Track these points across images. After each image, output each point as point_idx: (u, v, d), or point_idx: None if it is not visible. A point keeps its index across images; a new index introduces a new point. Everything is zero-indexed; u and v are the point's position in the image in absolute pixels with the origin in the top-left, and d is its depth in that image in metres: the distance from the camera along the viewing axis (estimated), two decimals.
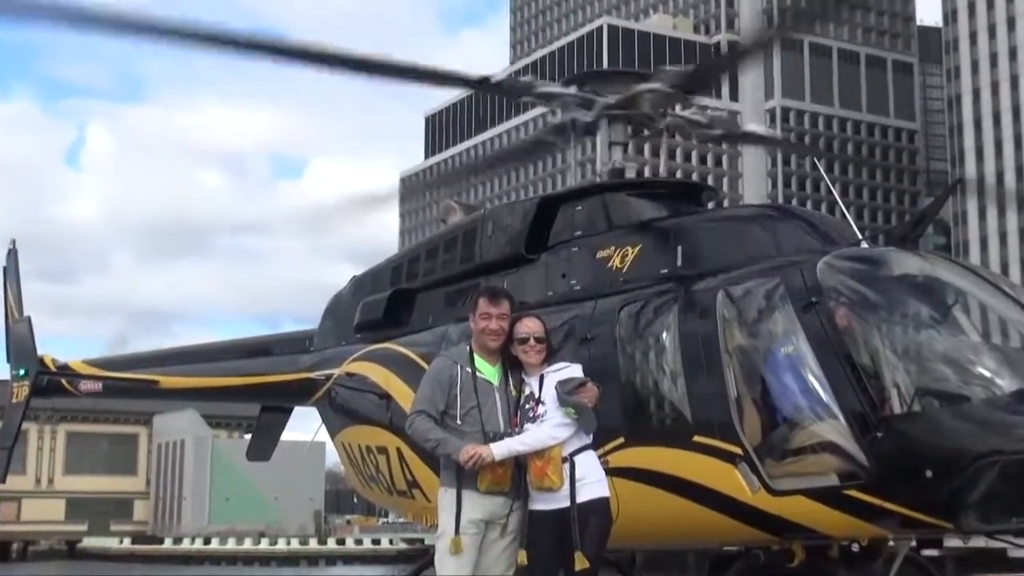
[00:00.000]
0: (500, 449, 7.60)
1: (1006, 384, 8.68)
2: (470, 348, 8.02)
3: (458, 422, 7.78)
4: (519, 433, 7.73)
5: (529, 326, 7.98)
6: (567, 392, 7.73)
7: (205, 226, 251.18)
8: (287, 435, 18.14)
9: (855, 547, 9.65)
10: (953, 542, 16.31)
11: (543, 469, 7.59)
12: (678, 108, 12.52)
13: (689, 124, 12.56)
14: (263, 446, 17.98)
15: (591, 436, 7.87)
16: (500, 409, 7.82)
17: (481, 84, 11.81)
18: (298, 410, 17.32)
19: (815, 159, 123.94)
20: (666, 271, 10.58)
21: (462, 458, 7.56)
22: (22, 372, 18.20)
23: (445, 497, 7.78)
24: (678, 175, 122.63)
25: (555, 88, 12.12)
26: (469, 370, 7.88)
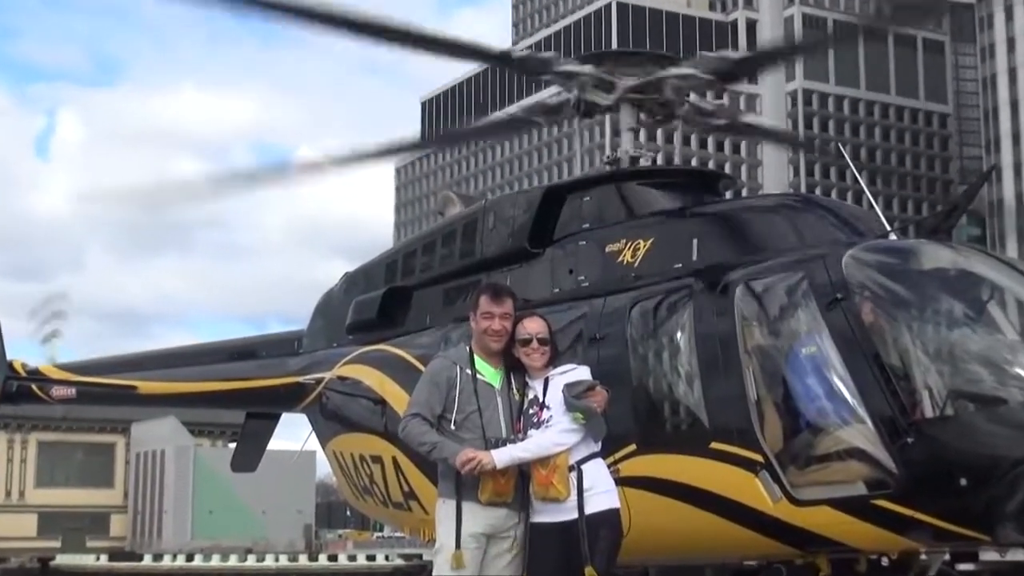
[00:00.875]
0: (502, 456, 7.60)
1: None
2: (470, 349, 8.02)
3: (456, 427, 7.77)
4: (522, 440, 7.73)
5: (532, 326, 7.98)
6: (575, 396, 7.73)
7: (185, 220, 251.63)
8: (275, 444, 18.16)
9: (884, 561, 9.66)
10: (989, 555, 16.28)
11: (548, 478, 7.59)
12: (694, 96, 12.54)
13: (699, 113, 12.59)
14: (249, 456, 17.99)
15: (600, 443, 7.88)
16: (502, 414, 7.82)
17: (501, 59, 11.90)
18: (286, 417, 17.34)
19: (839, 146, 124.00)
20: (681, 266, 10.60)
21: (459, 462, 7.55)
22: None
23: (444, 509, 7.78)
24: (693, 163, 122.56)
25: (574, 67, 12.12)
26: (469, 372, 7.88)
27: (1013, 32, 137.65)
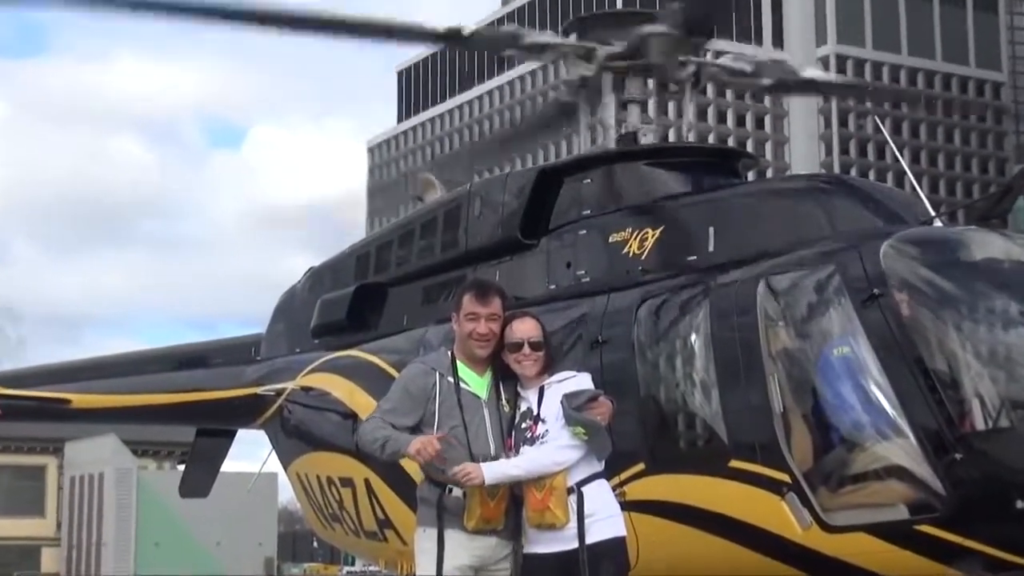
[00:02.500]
0: (492, 472, 7.59)
1: None
2: (452, 355, 8.01)
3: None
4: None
5: (524, 329, 7.96)
6: (575, 407, 7.74)
7: (124, 208, 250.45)
8: (229, 465, 18.18)
9: None
10: None
11: (543, 502, 7.58)
12: (709, 56, 12.55)
13: (725, 73, 12.58)
14: (200, 479, 18.03)
15: (603, 462, 7.89)
16: (490, 429, 7.80)
17: (451, 37, 11.81)
18: (243, 434, 17.36)
19: (878, 120, 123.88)
20: (695, 258, 10.64)
21: (413, 449, 7.50)
22: None
23: (424, 539, 7.78)
24: (710, 140, 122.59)
25: (547, 38, 12.14)
26: (451, 381, 7.87)
27: None
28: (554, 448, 7.68)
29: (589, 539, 7.58)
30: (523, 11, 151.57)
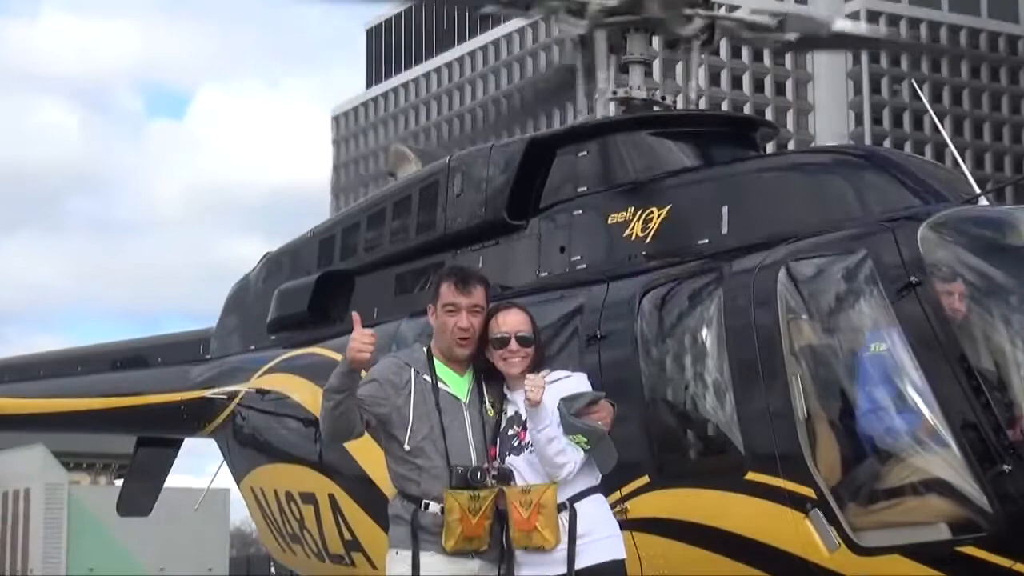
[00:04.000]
0: (543, 409, 7.58)
1: None
2: (429, 351, 8.03)
3: (407, 447, 7.77)
4: (498, 468, 7.73)
5: (510, 322, 7.97)
6: (575, 412, 7.74)
7: (49, 184, 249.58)
8: (174, 480, 18.17)
9: None
10: None
11: (530, 522, 7.58)
12: (723, 10, 12.55)
13: (742, 27, 12.58)
14: (141, 495, 18.05)
15: (600, 476, 7.89)
16: (471, 435, 7.82)
17: None
18: (190, 443, 17.35)
19: (915, 85, 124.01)
20: (706, 242, 10.66)
21: (349, 355, 7.57)
22: None
23: (396, 563, 7.78)
24: (724, 108, 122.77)
25: None
26: (428, 380, 7.89)
27: None
28: (574, 451, 7.66)
29: (584, 562, 7.60)
30: None
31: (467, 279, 8.09)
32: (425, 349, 8.07)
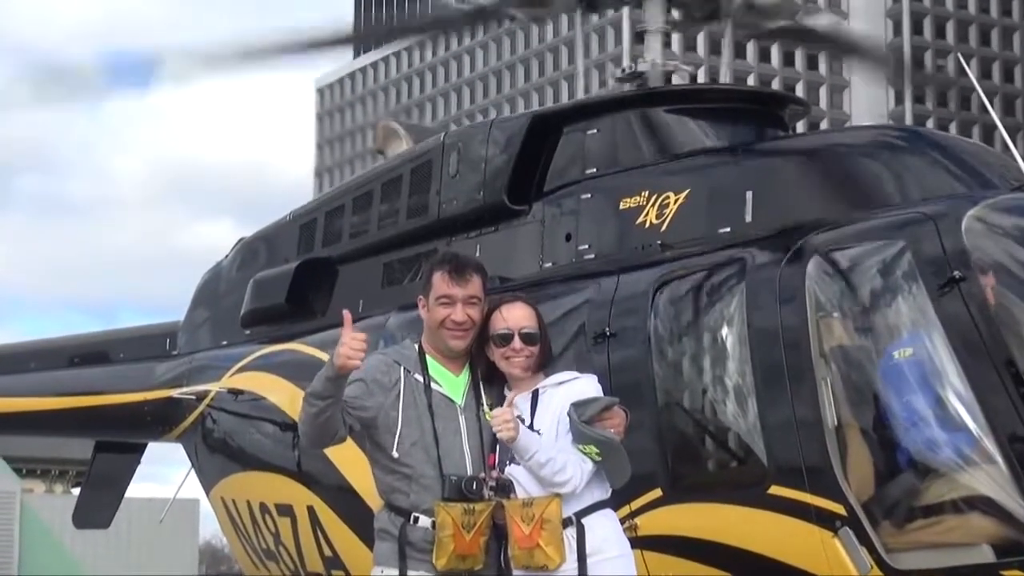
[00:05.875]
0: (525, 436, 7.57)
1: None
2: (420, 348, 8.04)
3: (395, 454, 7.78)
4: (496, 478, 7.73)
5: (514, 317, 7.99)
6: (587, 419, 7.74)
7: (2, 161, 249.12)
8: (139, 489, 18.20)
9: None
10: None
11: (532, 538, 7.58)
12: None
13: (754, 11, 12.65)
14: (99, 506, 18.03)
15: (610, 489, 7.91)
16: (467, 442, 7.84)
17: None
18: (155, 449, 17.36)
19: (961, 59, 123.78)
20: (729, 230, 10.66)
21: (337, 361, 7.58)
22: None
23: None
24: (751, 83, 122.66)
25: None
26: (419, 379, 7.90)
27: None
28: (579, 462, 7.67)
29: None
30: None
31: (463, 268, 8.08)
32: (416, 346, 8.08)
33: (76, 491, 23.50)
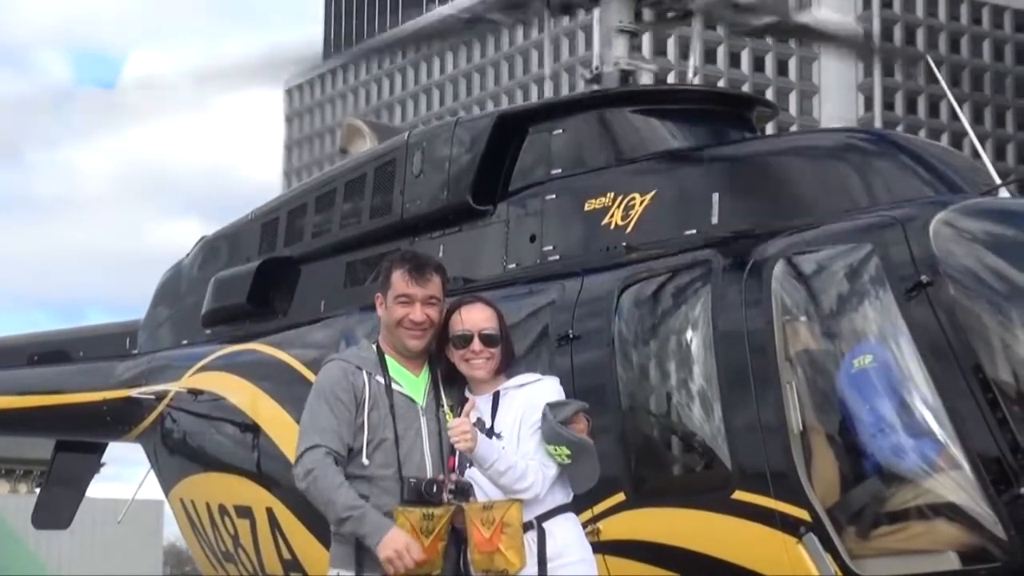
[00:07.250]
0: (484, 445, 7.53)
1: None
2: (379, 349, 8.01)
3: (365, 462, 7.74)
4: (456, 481, 7.70)
5: (474, 318, 7.97)
6: (564, 420, 7.71)
7: None
8: (98, 489, 18.14)
9: None
10: None
11: (492, 543, 7.56)
12: None
13: (731, 8, 12.62)
14: (59, 506, 17.99)
15: (572, 493, 7.87)
16: (427, 444, 7.83)
17: None
18: (115, 450, 17.29)
19: (933, 66, 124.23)
20: (694, 232, 10.63)
21: (384, 553, 7.48)
22: None
23: None
24: (720, 86, 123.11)
25: None
26: (382, 381, 7.87)
27: None
28: (540, 468, 7.63)
29: None
30: None
31: (422, 267, 8.07)
32: (375, 346, 8.06)
33: (37, 492, 23.46)
